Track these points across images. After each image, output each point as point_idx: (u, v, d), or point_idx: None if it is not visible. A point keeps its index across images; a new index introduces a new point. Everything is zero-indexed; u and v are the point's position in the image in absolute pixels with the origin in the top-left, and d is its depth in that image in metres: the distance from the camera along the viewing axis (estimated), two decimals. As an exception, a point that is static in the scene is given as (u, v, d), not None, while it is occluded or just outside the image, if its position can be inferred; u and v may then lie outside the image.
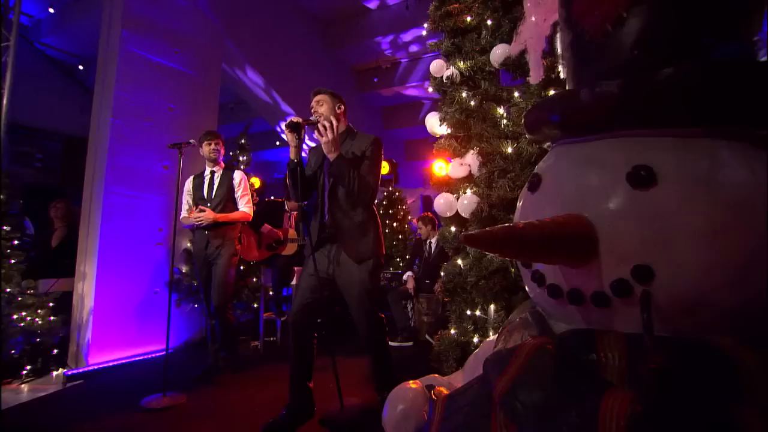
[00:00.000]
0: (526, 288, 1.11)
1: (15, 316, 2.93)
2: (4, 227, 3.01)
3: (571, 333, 0.90)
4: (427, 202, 7.38)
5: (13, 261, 3.03)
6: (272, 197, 4.95)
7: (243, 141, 4.15)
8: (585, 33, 0.96)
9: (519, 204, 1.12)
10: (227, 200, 2.94)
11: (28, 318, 2.99)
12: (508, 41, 1.83)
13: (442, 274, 2.00)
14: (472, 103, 1.91)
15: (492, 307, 1.86)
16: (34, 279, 3.20)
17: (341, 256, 1.95)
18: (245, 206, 2.98)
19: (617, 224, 0.81)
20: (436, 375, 1.43)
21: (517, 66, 1.83)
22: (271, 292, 3.77)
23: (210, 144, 2.95)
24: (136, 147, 3.63)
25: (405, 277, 4.26)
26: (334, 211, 1.95)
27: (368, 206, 1.99)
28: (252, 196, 3.10)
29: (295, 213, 3.99)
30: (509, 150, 1.77)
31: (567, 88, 1.08)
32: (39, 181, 6.01)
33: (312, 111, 2.00)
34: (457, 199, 1.87)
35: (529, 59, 1.42)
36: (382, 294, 4.07)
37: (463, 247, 1.94)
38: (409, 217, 5.04)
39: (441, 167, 6.51)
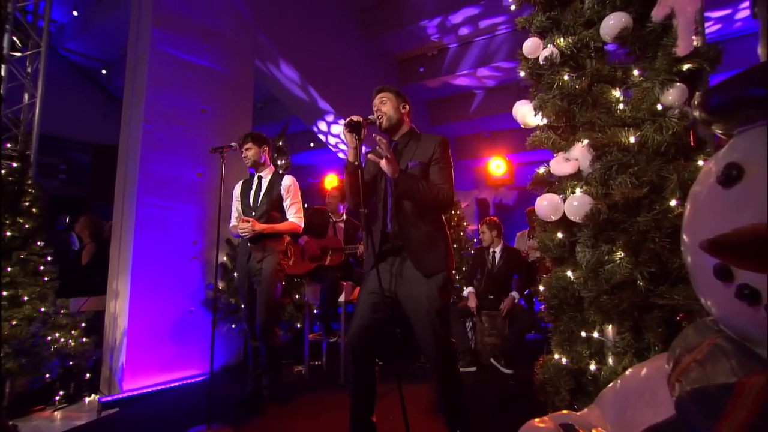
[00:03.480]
0: (714, 307, 0.97)
1: (49, 338, 2.96)
2: (39, 242, 3.08)
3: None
4: (483, 206, 7.15)
5: (46, 279, 3.09)
6: (306, 205, 4.91)
7: (281, 143, 4.13)
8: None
9: (698, 201, 0.99)
10: (272, 208, 2.88)
11: (62, 340, 3.02)
12: (623, 8, 1.69)
13: (541, 288, 1.87)
14: (576, 86, 1.78)
15: (610, 327, 1.70)
16: (66, 297, 3.27)
17: (406, 270, 1.90)
18: (294, 216, 2.90)
19: None
20: (569, 411, 1.30)
21: (636, 39, 1.68)
22: (316, 311, 3.71)
23: (241, 149, 2.89)
24: (168, 153, 3.66)
25: (465, 293, 4.11)
26: (400, 219, 1.90)
27: (438, 215, 1.97)
28: (304, 204, 3.03)
29: (340, 223, 3.94)
30: (631, 140, 1.63)
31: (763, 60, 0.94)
32: (65, 193, 6.25)
33: (375, 110, 2.00)
34: (564, 200, 1.74)
35: (678, 25, 1.29)
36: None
37: (570, 257, 1.80)
38: (464, 224, 4.89)
39: (498, 165, 6.31)
